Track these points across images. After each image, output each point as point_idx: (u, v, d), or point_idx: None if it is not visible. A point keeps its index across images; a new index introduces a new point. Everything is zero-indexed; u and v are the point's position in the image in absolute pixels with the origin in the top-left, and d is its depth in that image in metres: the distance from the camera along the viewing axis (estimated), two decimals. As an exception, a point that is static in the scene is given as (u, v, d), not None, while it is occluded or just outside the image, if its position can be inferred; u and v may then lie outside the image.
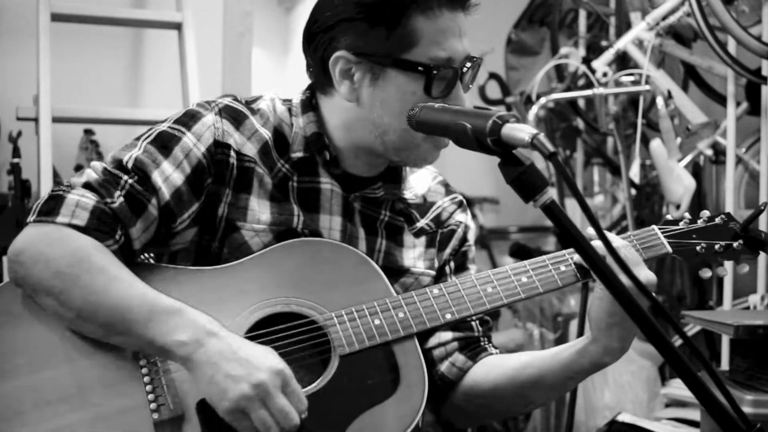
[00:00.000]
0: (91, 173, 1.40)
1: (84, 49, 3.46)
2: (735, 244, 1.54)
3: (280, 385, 1.24)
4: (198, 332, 1.27)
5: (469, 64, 1.44)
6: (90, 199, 1.36)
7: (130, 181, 1.39)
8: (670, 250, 1.53)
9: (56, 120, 3.06)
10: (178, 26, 3.38)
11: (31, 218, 1.36)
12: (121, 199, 1.37)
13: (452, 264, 1.64)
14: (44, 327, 1.33)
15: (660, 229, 1.55)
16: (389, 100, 1.42)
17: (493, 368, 1.55)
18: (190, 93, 3.25)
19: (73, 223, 1.33)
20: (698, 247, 1.54)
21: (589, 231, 1.43)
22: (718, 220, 1.57)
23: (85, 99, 3.41)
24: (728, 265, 1.70)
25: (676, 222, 1.58)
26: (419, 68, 1.39)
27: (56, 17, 3.15)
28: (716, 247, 1.54)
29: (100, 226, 1.34)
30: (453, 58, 1.41)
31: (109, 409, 1.28)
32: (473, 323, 1.61)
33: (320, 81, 1.50)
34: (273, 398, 1.23)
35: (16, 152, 3.02)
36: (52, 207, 1.35)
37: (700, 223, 1.57)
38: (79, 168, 3.26)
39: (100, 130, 3.31)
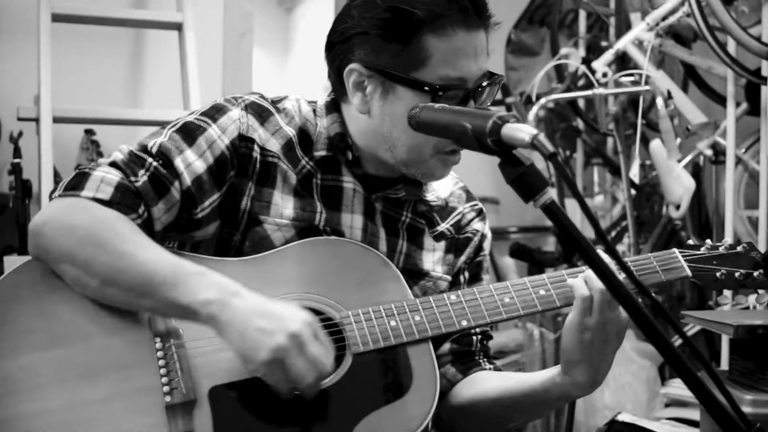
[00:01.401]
0: (117, 154, 1.43)
1: (84, 50, 3.47)
2: (756, 273, 1.55)
3: (312, 334, 1.25)
4: (222, 292, 1.27)
5: (485, 83, 1.44)
6: (115, 175, 1.39)
7: (155, 163, 1.41)
8: (689, 273, 1.53)
9: (57, 120, 3.06)
10: (178, 27, 3.38)
11: (56, 194, 1.38)
12: (145, 178, 1.40)
13: (467, 273, 1.64)
14: (63, 305, 1.34)
15: (681, 252, 1.55)
16: (398, 116, 1.43)
17: (475, 386, 1.56)
18: (190, 93, 3.25)
19: (98, 197, 1.36)
20: (718, 273, 1.54)
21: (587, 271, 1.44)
22: (739, 248, 1.57)
23: (86, 99, 3.41)
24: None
25: (697, 246, 1.58)
26: (425, 88, 1.39)
27: (57, 17, 3.16)
28: (736, 275, 1.54)
29: (123, 200, 1.37)
30: (465, 77, 1.41)
31: (123, 389, 1.29)
32: (474, 338, 1.62)
33: (337, 89, 1.52)
34: (308, 347, 1.24)
35: (17, 152, 3.03)
36: (77, 182, 1.38)
37: (721, 249, 1.57)
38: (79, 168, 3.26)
39: (101, 131, 3.31)
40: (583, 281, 1.40)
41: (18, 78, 3.30)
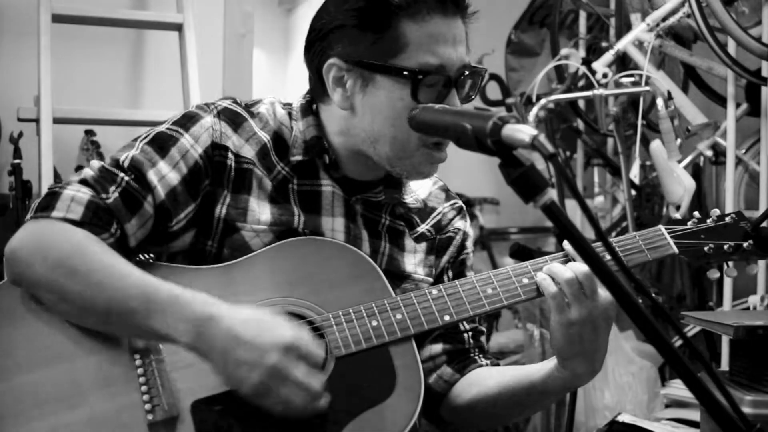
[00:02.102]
0: (88, 171, 1.41)
1: (85, 50, 3.47)
2: (745, 245, 1.51)
3: (294, 358, 1.23)
4: (197, 320, 1.25)
5: (467, 73, 1.42)
6: (85, 193, 1.36)
7: (126, 178, 1.39)
8: (676, 250, 1.50)
9: (57, 121, 3.06)
10: (178, 27, 3.38)
11: (29, 215, 1.37)
12: (116, 194, 1.37)
13: (450, 273, 1.63)
14: (42, 327, 1.33)
15: (667, 228, 1.52)
16: (379, 107, 1.41)
17: (475, 383, 1.55)
18: (190, 94, 3.26)
19: (69, 217, 1.34)
20: (706, 248, 1.51)
21: (566, 246, 1.43)
22: (728, 219, 1.53)
23: (86, 100, 3.41)
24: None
25: (684, 221, 1.54)
26: (404, 73, 1.37)
27: (57, 18, 3.16)
28: (725, 247, 1.51)
29: (94, 219, 1.35)
30: (445, 65, 1.39)
31: (105, 409, 1.29)
32: (465, 335, 1.60)
33: (317, 90, 1.50)
34: (290, 375, 1.22)
35: (17, 153, 3.02)
36: (48, 203, 1.36)
37: (709, 222, 1.53)
38: (79, 169, 3.26)
39: (101, 131, 3.31)
40: (548, 278, 1.39)
41: (18, 79, 3.30)
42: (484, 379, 1.55)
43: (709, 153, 3.27)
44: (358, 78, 1.42)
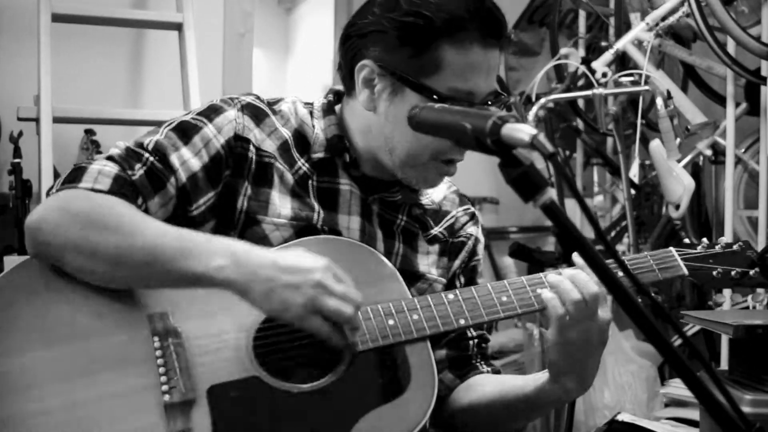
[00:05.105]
0: (114, 150, 1.44)
1: (85, 50, 3.47)
2: (751, 272, 1.58)
3: (333, 276, 1.29)
4: (234, 254, 1.29)
5: (491, 101, 1.45)
6: (112, 168, 1.40)
7: (151, 158, 1.42)
8: (686, 272, 1.55)
9: (57, 120, 3.06)
10: (178, 27, 3.38)
11: (54, 189, 1.39)
12: (142, 172, 1.41)
13: (462, 279, 1.65)
14: (60, 305, 1.34)
15: (677, 251, 1.57)
16: (401, 119, 1.42)
17: (472, 389, 1.58)
18: (190, 93, 3.26)
19: (96, 188, 1.36)
20: (714, 272, 1.57)
21: (575, 259, 1.41)
22: (735, 247, 1.60)
23: (86, 99, 3.41)
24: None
25: (693, 245, 1.60)
26: (434, 96, 1.40)
27: (57, 17, 3.16)
28: (732, 273, 1.57)
29: (121, 190, 1.38)
30: (474, 93, 1.42)
31: (121, 388, 1.29)
32: (470, 342, 1.63)
33: (346, 82, 1.53)
34: (334, 289, 1.27)
35: (17, 152, 3.03)
36: (74, 176, 1.39)
37: (717, 248, 1.60)
38: (79, 168, 3.27)
39: (101, 130, 3.31)
40: (556, 298, 1.39)
41: (18, 78, 3.30)
42: (481, 386, 1.58)
43: (709, 152, 3.27)
44: (388, 85, 1.44)
